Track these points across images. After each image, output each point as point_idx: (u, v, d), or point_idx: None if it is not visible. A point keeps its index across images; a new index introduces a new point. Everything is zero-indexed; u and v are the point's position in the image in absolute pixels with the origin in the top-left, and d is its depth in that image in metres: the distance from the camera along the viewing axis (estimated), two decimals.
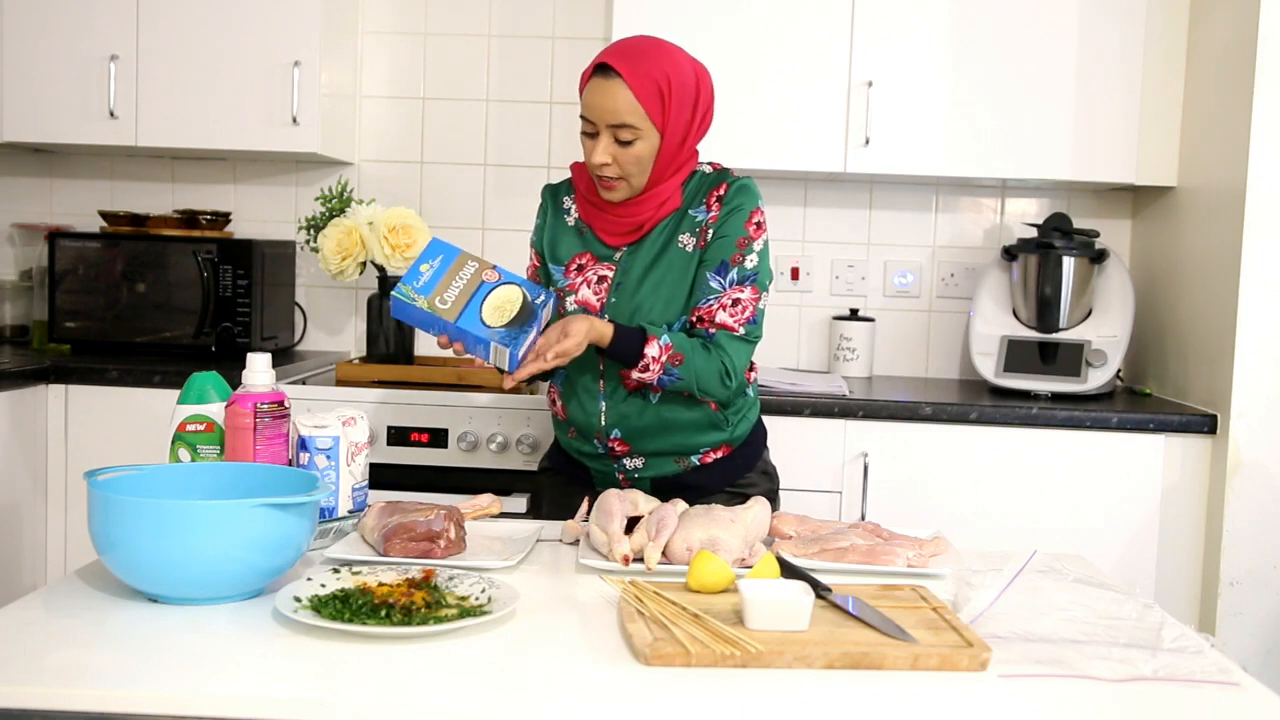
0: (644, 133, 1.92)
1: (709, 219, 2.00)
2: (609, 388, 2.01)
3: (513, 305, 1.86)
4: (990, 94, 3.03)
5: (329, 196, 3.03)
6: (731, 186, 2.01)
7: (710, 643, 1.29)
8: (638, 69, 1.90)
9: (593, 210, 2.05)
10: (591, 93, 1.93)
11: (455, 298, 1.85)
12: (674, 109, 1.93)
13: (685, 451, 2.05)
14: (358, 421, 1.78)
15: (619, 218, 2.01)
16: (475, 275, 1.87)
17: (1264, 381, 2.73)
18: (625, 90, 1.90)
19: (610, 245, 2.04)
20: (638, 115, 1.90)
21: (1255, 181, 2.70)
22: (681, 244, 2.00)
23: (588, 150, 1.96)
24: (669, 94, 1.92)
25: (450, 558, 1.62)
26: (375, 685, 1.20)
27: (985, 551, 1.79)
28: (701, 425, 2.04)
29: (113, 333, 3.15)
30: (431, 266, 1.87)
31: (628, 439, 2.03)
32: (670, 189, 2.00)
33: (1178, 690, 1.26)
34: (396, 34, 3.42)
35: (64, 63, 3.11)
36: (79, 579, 1.52)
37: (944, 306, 3.41)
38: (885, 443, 2.82)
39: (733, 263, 1.97)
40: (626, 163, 1.94)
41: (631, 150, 1.92)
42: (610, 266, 2.03)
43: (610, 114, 1.91)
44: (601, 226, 2.04)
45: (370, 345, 3.06)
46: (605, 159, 1.93)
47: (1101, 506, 2.81)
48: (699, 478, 2.07)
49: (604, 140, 1.93)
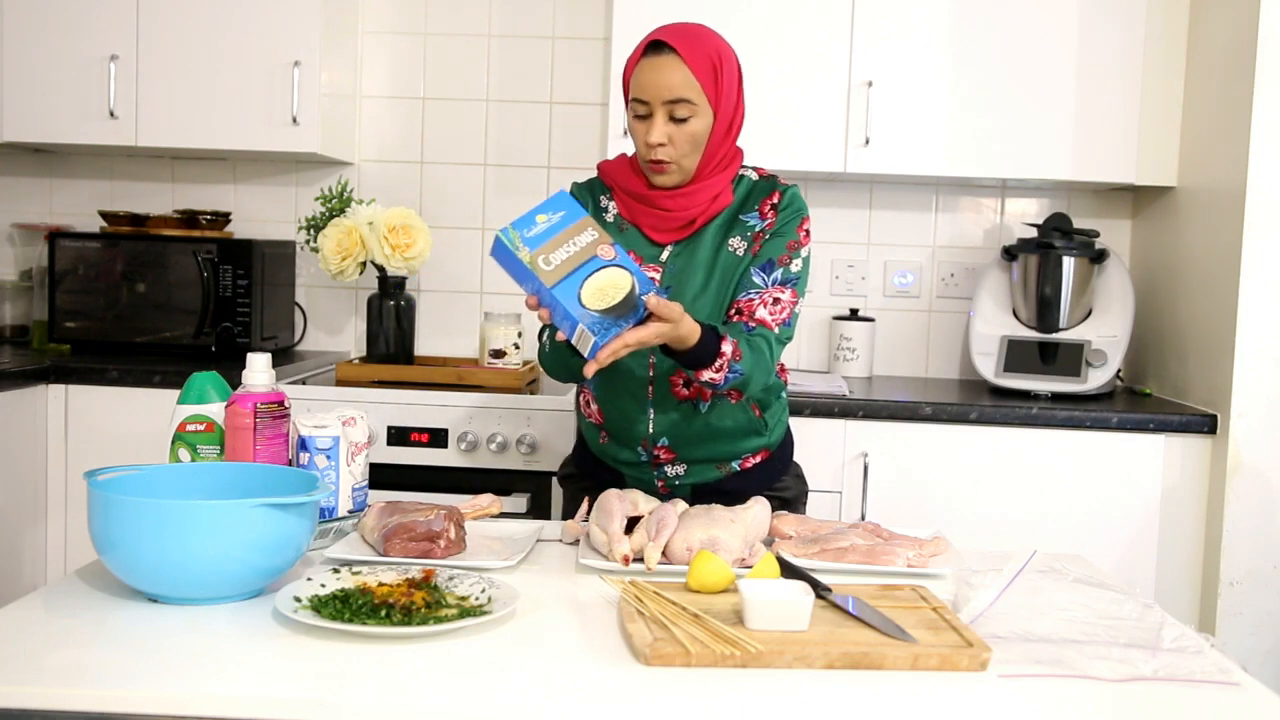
0: (699, 109, 1.88)
1: (765, 226, 1.97)
2: (657, 394, 1.97)
3: (618, 292, 1.68)
4: (990, 94, 3.03)
5: (329, 196, 3.03)
6: (785, 194, 1.99)
7: (710, 643, 1.29)
8: (692, 45, 1.88)
9: (640, 207, 1.98)
10: (645, 71, 1.88)
11: (561, 262, 1.67)
12: (725, 87, 1.91)
13: (728, 458, 2.03)
14: (358, 421, 1.78)
15: (671, 212, 1.95)
16: (590, 246, 1.69)
17: (1264, 381, 2.73)
18: (681, 65, 1.86)
19: (658, 243, 1.98)
20: (694, 90, 1.87)
21: (1255, 181, 2.70)
22: (732, 248, 1.96)
23: (641, 132, 1.90)
24: (721, 70, 1.90)
25: (450, 558, 1.62)
26: (375, 685, 1.20)
27: (985, 551, 1.79)
28: (745, 431, 2.03)
29: (113, 333, 3.15)
30: (549, 220, 1.70)
31: (674, 447, 2.00)
32: (722, 183, 1.96)
33: (1178, 690, 1.26)
34: (396, 34, 3.42)
35: (64, 63, 3.11)
36: (79, 579, 1.52)
37: (944, 306, 3.42)
38: (885, 443, 2.82)
39: (779, 263, 1.95)
40: (681, 141, 1.88)
41: (687, 128, 1.88)
42: (656, 268, 1.96)
43: (666, 89, 1.86)
44: (650, 223, 1.98)
45: (370, 345, 3.06)
46: (661, 138, 1.87)
47: (1101, 506, 2.81)
48: (738, 483, 2.04)
49: (659, 118, 1.87)
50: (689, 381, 1.96)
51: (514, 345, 2.99)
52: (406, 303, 3.06)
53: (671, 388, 1.97)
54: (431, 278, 3.44)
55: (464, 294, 3.46)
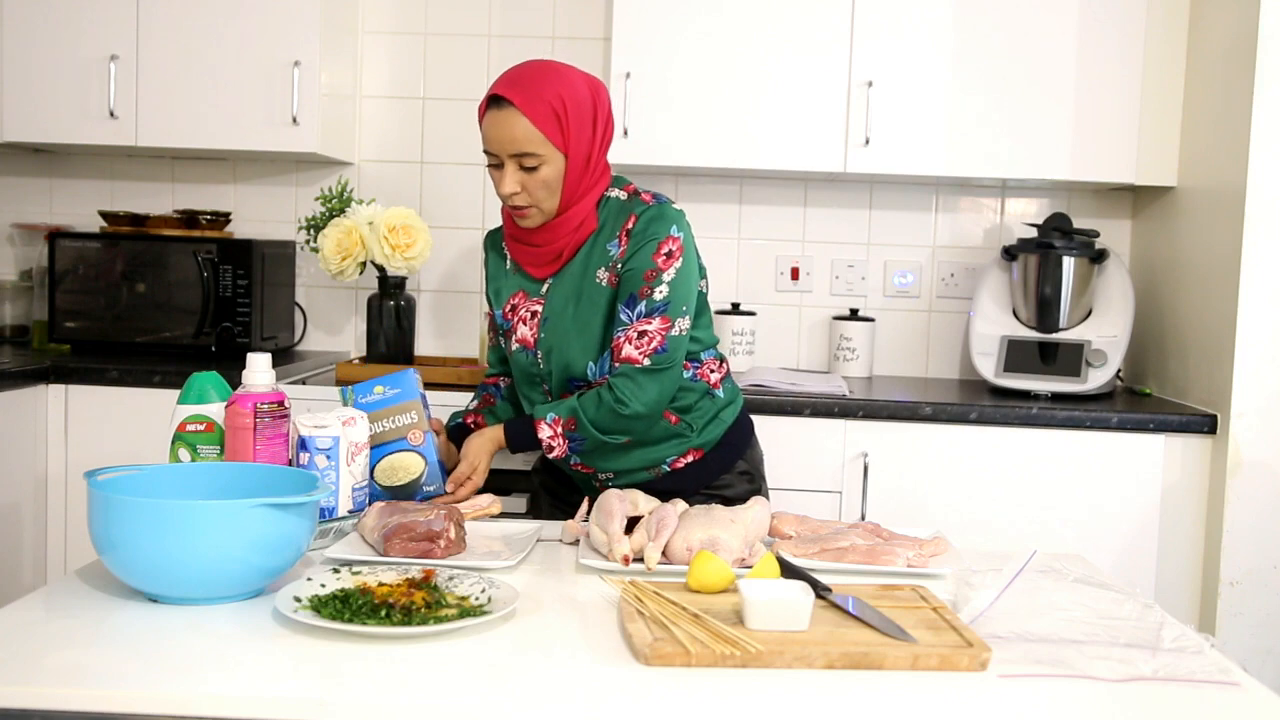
0: (547, 157, 1.92)
1: (619, 254, 1.99)
2: None
3: (405, 475, 1.90)
4: (990, 94, 3.03)
5: (329, 196, 3.03)
6: (640, 218, 1.98)
7: (710, 643, 1.29)
8: (529, 95, 1.90)
9: (517, 245, 2.07)
10: (489, 126, 1.93)
11: (376, 433, 1.89)
12: (574, 129, 1.93)
13: (652, 463, 2.08)
14: (358, 421, 1.78)
15: (539, 247, 2.02)
16: (404, 429, 1.91)
17: (1264, 381, 2.73)
18: (521, 118, 1.90)
19: (537, 278, 2.06)
20: (537, 141, 1.90)
21: (1255, 181, 2.70)
22: (599, 279, 2.00)
23: (497, 180, 1.96)
24: (565, 115, 1.92)
25: (450, 558, 1.62)
26: (375, 685, 1.20)
27: (985, 551, 1.79)
28: (662, 437, 2.06)
29: (113, 333, 3.15)
30: (385, 393, 1.91)
31: (588, 463, 2.06)
32: (584, 211, 2.00)
33: (1178, 690, 1.26)
34: (396, 34, 3.42)
35: (64, 63, 3.11)
36: (79, 579, 1.52)
37: (944, 306, 3.41)
38: (885, 443, 2.82)
39: (640, 295, 1.96)
40: (535, 188, 1.94)
41: (538, 175, 1.93)
42: (540, 301, 2.05)
43: (510, 143, 1.91)
44: (527, 259, 2.06)
45: (370, 345, 3.06)
46: (514, 188, 1.93)
47: (1101, 506, 2.81)
48: (671, 482, 2.08)
49: (509, 170, 1.93)
50: None
51: None
52: (406, 303, 3.06)
53: None
54: (431, 278, 3.44)
55: (464, 294, 3.46)
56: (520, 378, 2.12)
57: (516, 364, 2.11)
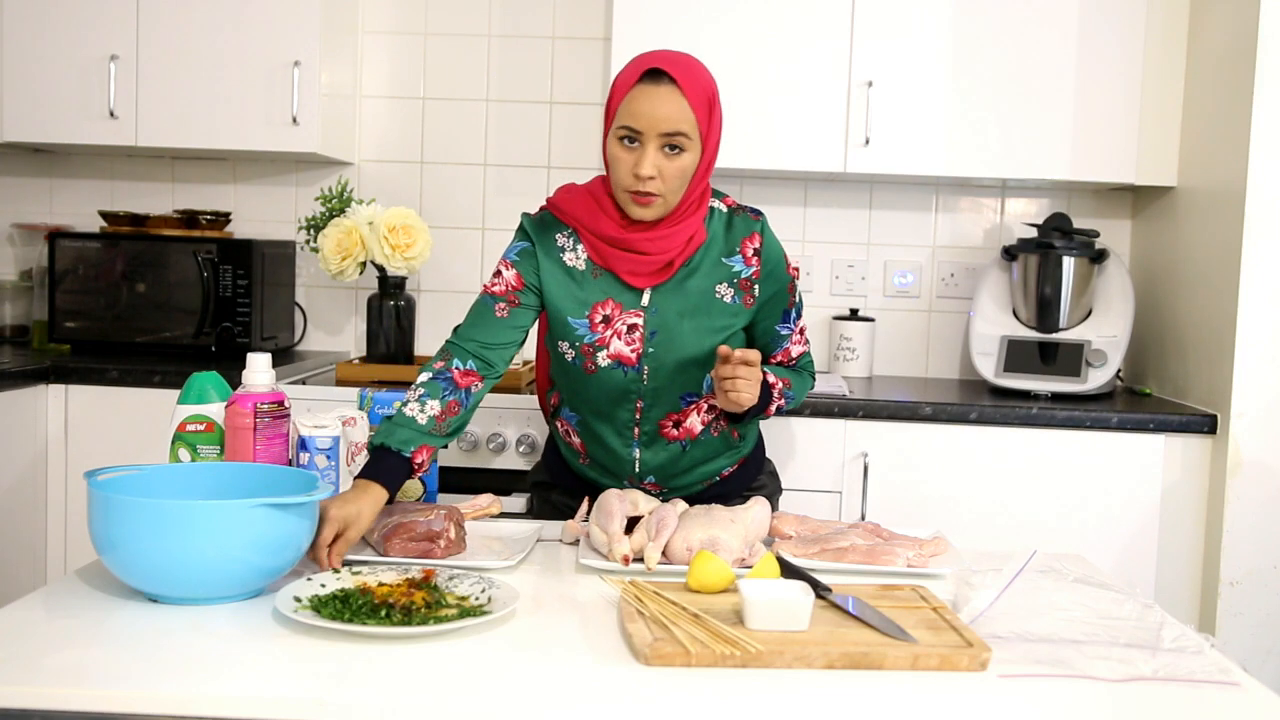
0: (692, 144, 1.82)
1: (753, 274, 1.93)
2: (644, 436, 1.97)
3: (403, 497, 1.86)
4: (990, 94, 3.03)
5: (329, 196, 3.03)
6: (764, 237, 1.95)
7: (710, 643, 1.29)
8: (690, 76, 1.82)
9: (614, 251, 1.89)
10: (641, 99, 1.80)
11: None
12: (715, 123, 1.87)
13: (709, 476, 2.06)
14: (358, 421, 1.78)
15: (649, 255, 1.88)
16: None
17: (1264, 381, 2.73)
18: (680, 97, 1.80)
19: (636, 287, 1.91)
20: (690, 124, 1.81)
21: (1255, 181, 2.70)
22: (720, 294, 1.92)
23: (628, 161, 1.82)
24: (713, 106, 1.86)
25: (450, 558, 1.62)
26: (375, 685, 1.20)
27: (985, 551, 1.79)
28: (723, 452, 2.05)
29: (113, 333, 3.15)
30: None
31: (660, 481, 2.02)
32: (695, 224, 1.90)
33: (1178, 690, 1.26)
34: (396, 34, 3.42)
35: (64, 63, 3.11)
36: (79, 579, 1.52)
37: (944, 306, 3.41)
38: (885, 443, 2.82)
39: (789, 305, 2.01)
40: (671, 175, 1.82)
41: (678, 162, 1.82)
42: (638, 313, 1.90)
43: (663, 121, 1.79)
44: (627, 268, 1.89)
45: (370, 345, 3.06)
46: (653, 170, 1.80)
47: (1101, 506, 2.81)
48: (717, 490, 2.08)
49: (651, 149, 1.80)
50: (679, 423, 1.97)
51: None
52: (406, 303, 3.06)
53: (660, 429, 1.97)
54: (431, 278, 3.44)
55: (464, 294, 3.45)
56: (597, 397, 1.95)
57: (597, 383, 1.93)
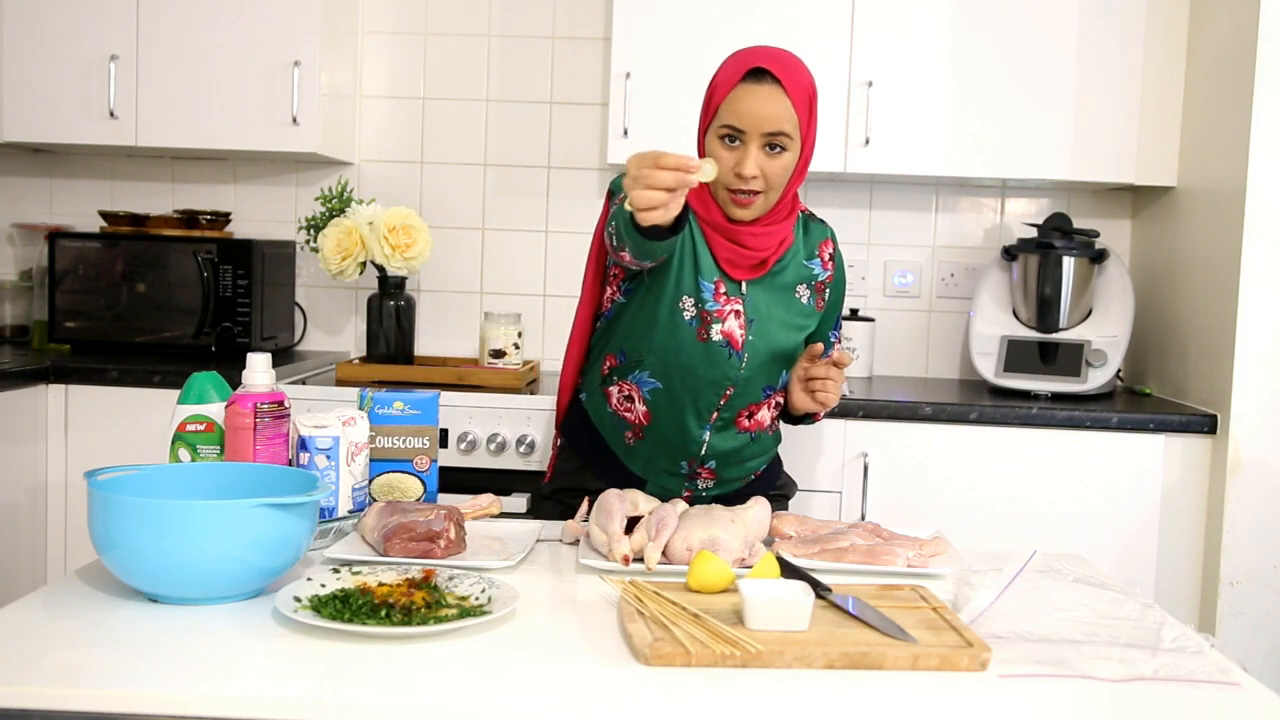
0: (793, 144, 1.84)
1: (826, 278, 2.00)
2: (720, 421, 1.98)
3: (401, 496, 1.85)
4: (990, 94, 3.03)
5: (329, 196, 3.03)
6: (835, 244, 2.04)
7: (710, 643, 1.29)
8: (793, 76, 1.83)
9: (719, 239, 1.91)
10: (746, 99, 1.82)
11: (384, 448, 1.86)
12: (814, 121, 1.88)
13: (750, 473, 2.09)
14: (358, 421, 1.78)
15: (749, 250, 1.91)
16: (414, 451, 1.86)
17: (1264, 381, 2.73)
18: (784, 97, 1.81)
19: (734, 279, 1.93)
20: (793, 124, 1.82)
21: (1255, 181, 2.70)
22: (799, 295, 1.98)
23: (730, 160, 1.84)
24: (813, 106, 1.87)
25: (450, 558, 1.62)
26: (375, 685, 1.20)
27: (985, 551, 1.79)
28: (770, 449, 2.10)
29: (113, 333, 3.15)
30: (404, 410, 1.87)
31: (718, 470, 2.03)
32: (788, 227, 1.94)
33: (1178, 690, 1.26)
34: (396, 34, 3.42)
35: (64, 63, 3.11)
36: (79, 579, 1.52)
37: (944, 306, 3.41)
38: (885, 443, 2.82)
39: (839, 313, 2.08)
40: (772, 174, 1.84)
41: (780, 161, 1.83)
42: (739, 300, 1.93)
43: (768, 121, 1.81)
44: (726, 256, 1.91)
45: (370, 345, 3.06)
46: (755, 170, 1.82)
47: (1101, 506, 2.81)
48: (750, 490, 2.09)
49: (753, 148, 1.82)
50: (753, 414, 2.00)
51: (514, 345, 2.99)
52: (406, 303, 3.06)
53: (736, 417, 1.99)
54: (431, 278, 3.44)
55: (464, 294, 3.46)
56: (698, 367, 1.92)
57: (704, 354, 1.92)
